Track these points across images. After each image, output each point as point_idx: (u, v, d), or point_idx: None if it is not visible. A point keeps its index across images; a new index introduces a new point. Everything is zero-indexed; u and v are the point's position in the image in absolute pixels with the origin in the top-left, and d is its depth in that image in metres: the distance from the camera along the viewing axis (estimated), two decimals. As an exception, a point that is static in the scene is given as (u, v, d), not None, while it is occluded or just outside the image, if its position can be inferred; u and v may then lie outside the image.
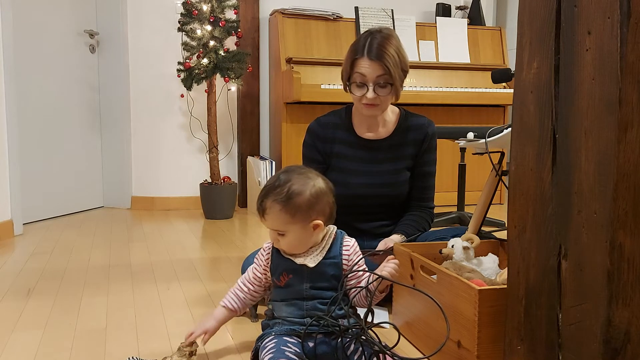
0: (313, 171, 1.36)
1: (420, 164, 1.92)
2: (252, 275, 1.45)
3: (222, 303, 1.46)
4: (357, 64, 1.75)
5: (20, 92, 3.22)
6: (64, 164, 3.69)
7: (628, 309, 0.88)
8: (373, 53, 1.72)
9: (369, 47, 1.73)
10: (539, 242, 1.02)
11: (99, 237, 3.02)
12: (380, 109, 1.81)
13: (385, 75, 1.73)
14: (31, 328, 1.68)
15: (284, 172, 1.34)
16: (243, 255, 2.35)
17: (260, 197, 1.32)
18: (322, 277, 1.35)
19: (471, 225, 1.73)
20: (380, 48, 1.72)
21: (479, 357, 1.20)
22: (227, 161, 4.09)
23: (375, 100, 1.76)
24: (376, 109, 1.80)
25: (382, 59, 1.72)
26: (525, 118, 1.06)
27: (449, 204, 3.68)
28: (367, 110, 1.80)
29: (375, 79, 1.74)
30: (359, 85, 1.77)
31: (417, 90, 3.86)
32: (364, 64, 1.74)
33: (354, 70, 1.77)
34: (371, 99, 1.75)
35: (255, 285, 1.45)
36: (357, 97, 1.79)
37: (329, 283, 1.35)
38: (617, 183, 0.85)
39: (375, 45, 1.73)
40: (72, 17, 3.72)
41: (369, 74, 1.74)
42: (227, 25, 3.57)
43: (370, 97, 1.75)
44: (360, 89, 1.77)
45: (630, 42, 0.83)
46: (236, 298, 1.46)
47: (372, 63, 1.73)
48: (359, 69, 1.75)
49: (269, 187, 1.32)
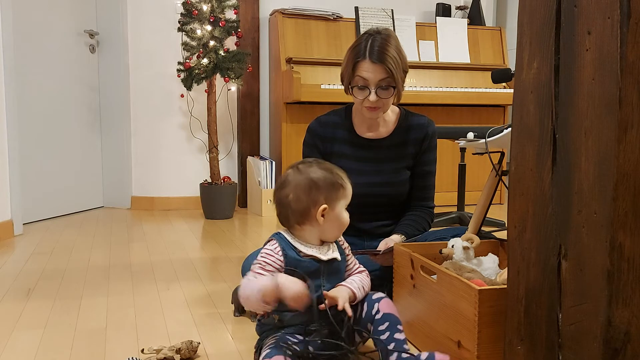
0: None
1: (420, 163, 1.92)
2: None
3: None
4: (359, 67, 1.75)
5: (20, 92, 3.21)
6: (64, 164, 3.69)
7: (628, 309, 0.88)
8: (375, 55, 1.72)
9: (370, 49, 1.73)
10: (539, 242, 1.02)
11: (99, 237, 3.02)
12: (382, 110, 1.81)
13: (387, 79, 1.73)
14: (31, 328, 1.68)
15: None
16: (243, 255, 2.35)
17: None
18: (338, 275, 1.36)
19: (471, 225, 1.73)
20: (381, 50, 1.72)
21: (479, 357, 1.20)
22: (227, 161, 4.09)
23: (377, 103, 1.76)
24: (378, 111, 1.80)
25: (385, 61, 1.72)
26: (525, 118, 1.06)
27: (449, 204, 3.68)
28: (369, 113, 1.81)
29: (378, 82, 1.74)
30: (360, 88, 1.76)
31: (417, 90, 3.86)
32: (366, 67, 1.73)
33: (355, 74, 1.76)
34: (373, 102, 1.75)
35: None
36: (359, 100, 1.79)
37: (340, 280, 1.36)
38: (617, 183, 0.85)
39: (376, 47, 1.72)
40: (72, 17, 3.72)
41: (371, 77, 1.73)
42: (227, 25, 3.57)
43: (372, 100, 1.75)
44: (362, 92, 1.77)
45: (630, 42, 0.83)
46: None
47: (375, 66, 1.72)
48: (361, 72, 1.74)
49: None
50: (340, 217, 1.35)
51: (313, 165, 1.35)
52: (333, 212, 1.33)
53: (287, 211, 1.33)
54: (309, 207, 1.31)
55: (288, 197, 1.32)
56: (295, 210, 1.32)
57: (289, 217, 1.34)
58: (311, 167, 1.35)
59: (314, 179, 1.32)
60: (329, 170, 1.35)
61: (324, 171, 1.34)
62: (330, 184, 1.33)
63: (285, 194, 1.33)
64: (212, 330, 1.66)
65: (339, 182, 1.34)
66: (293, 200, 1.31)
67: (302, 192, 1.31)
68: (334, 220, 1.34)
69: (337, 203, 1.34)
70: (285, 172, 1.37)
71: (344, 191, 1.35)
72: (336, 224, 1.35)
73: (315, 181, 1.31)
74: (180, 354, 1.41)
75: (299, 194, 1.31)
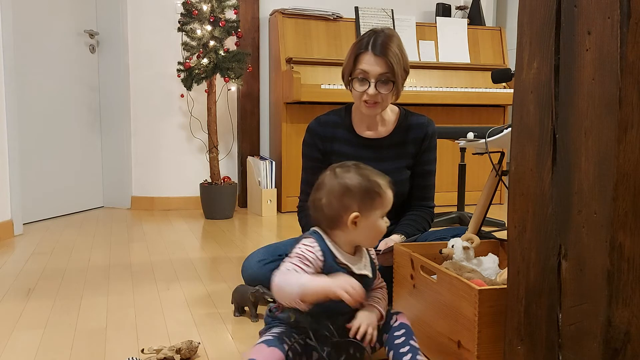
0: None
1: (420, 162, 1.92)
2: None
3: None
4: (361, 59, 1.77)
5: (20, 92, 3.21)
6: (64, 164, 3.69)
7: (628, 309, 0.88)
8: (377, 49, 1.74)
9: (373, 43, 1.75)
10: (539, 242, 1.02)
11: (99, 237, 3.02)
12: (380, 107, 1.81)
13: (387, 73, 1.75)
14: (31, 328, 1.68)
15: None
16: (243, 255, 2.35)
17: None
18: (367, 289, 1.31)
19: (471, 225, 1.73)
20: (384, 44, 1.75)
21: (479, 357, 1.20)
22: (227, 161, 4.09)
23: (376, 97, 1.77)
24: (376, 107, 1.80)
25: (386, 55, 1.74)
26: (525, 118, 1.06)
27: (449, 204, 3.68)
28: (367, 110, 1.81)
29: (378, 76, 1.75)
30: (360, 80, 1.77)
31: (417, 90, 3.86)
32: (367, 60, 1.75)
33: (356, 66, 1.77)
34: (372, 95, 1.76)
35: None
36: (358, 94, 1.79)
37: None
38: (617, 183, 0.85)
39: (379, 42, 1.75)
40: (72, 17, 3.73)
41: (371, 70, 1.75)
42: (227, 25, 3.57)
43: (371, 93, 1.75)
44: (362, 85, 1.77)
45: (630, 42, 0.83)
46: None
47: (376, 59, 1.74)
48: (362, 65, 1.76)
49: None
50: (374, 227, 1.29)
51: (351, 170, 1.29)
52: (367, 221, 1.27)
53: (319, 215, 1.29)
54: (340, 213, 1.26)
55: (321, 200, 1.28)
56: (327, 215, 1.28)
57: (321, 221, 1.30)
58: (348, 172, 1.28)
59: (348, 185, 1.26)
60: (366, 177, 1.28)
61: (361, 177, 1.27)
62: (365, 191, 1.26)
63: (318, 197, 1.29)
64: (212, 330, 1.66)
65: (376, 190, 1.27)
66: (325, 205, 1.27)
67: (335, 197, 1.26)
68: (367, 229, 1.28)
69: (372, 212, 1.27)
70: (324, 173, 1.32)
71: (381, 200, 1.28)
72: (370, 233, 1.30)
73: (349, 187, 1.26)
74: (180, 354, 1.41)
75: (331, 198, 1.27)
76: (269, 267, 1.84)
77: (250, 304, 1.73)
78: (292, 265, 1.23)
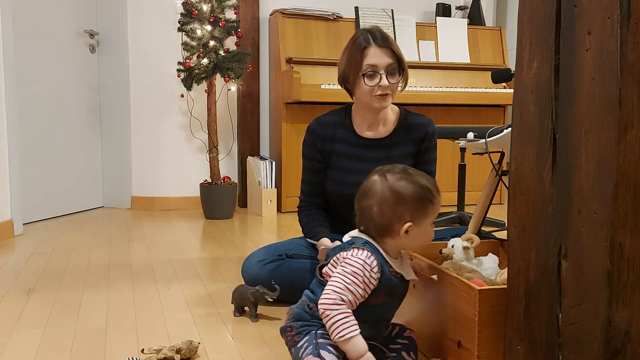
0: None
1: (420, 162, 1.92)
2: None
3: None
4: (366, 55, 1.78)
5: (20, 92, 3.21)
6: (64, 164, 3.69)
7: (628, 309, 0.88)
8: (379, 40, 1.78)
9: (373, 36, 1.78)
10: (539, 242, 1.02)
11: (99, 237, 3.02)
12: (390, 97, 1.83)
13: (394, 64, 1.78)
14: (31, 328, 1.68)
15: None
16: (243, 256, 2.35)
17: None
18: (404, 296, 1.34)
19: (471, 225, 1.73)
20: (383, 36, 1.79)
21: (479, 357, 1.20)
22: (227, 161, 4.09)
23: (387, 89, 1.79)
24: (387, 98, 1.82)
25: (390, 44, 1.78)
26: (525, 118, 1.06)
27: (449, 204, 3.68)
28: (379, 102, 1.81)
29: (386, 67, 1.77)
30: (369, 75, 1.78)
31: (417, 90, 3.85)
32: (373, 52, 1.77)
33: (363, 62, 1.78)
34: (385, 87, 1.78)
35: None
36: (369, 89, 1.79)
37: (402, 302, 1.35)
38: (617, 183, 0.85)
39: (377, 35, 1.79)
40: (72, 17, 3.72)
41: (379, 62, 1.77)
42: (227, 25, 3.57)
43: (384, 84, 1.77)
44: (373, 80, 1.78)
45: (630, 42, 0.83)
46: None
47: (382, 49, 1.77)
48: (369, 59, 1.77)
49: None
50: (425, 233, 1.28)
51: (403, 178, 1.25)
52: (418, 229, 1.25)
53: (368, 222, 1.27)
54: (393, 222, 1.24)
55: (372, 209, 1.25)
56: (378, 224, 1.25)
57: (369, 228, 1.27)
58: (400, 179, 1.25)
59: (402, 194, 1.23)
60: (419, 184, 1.25)
61: (414, 185, 1.24)
62: (419, 199, 1.23)
63: (369, 204, 1.25)
64: (212, 330, 1.66)
65: (429, 198, 1.25)
66: (377, 214, 1.24)
67: (387, 206, 1.23)
68: (418, 236, 1.26)
69: (424, 220, 1.25)
70: (371, 177, 1.28)
71: (433, 207, 1.26)
72: (419, 240, 1.29)
73: (403, 197, 1.23)
74: (180, 354, 1.41)
75: (383, 208, 1.24)
76: (269, 267, 1.84)
77: (250, 304, 1.73)
78: (346, 285, 1.20)
